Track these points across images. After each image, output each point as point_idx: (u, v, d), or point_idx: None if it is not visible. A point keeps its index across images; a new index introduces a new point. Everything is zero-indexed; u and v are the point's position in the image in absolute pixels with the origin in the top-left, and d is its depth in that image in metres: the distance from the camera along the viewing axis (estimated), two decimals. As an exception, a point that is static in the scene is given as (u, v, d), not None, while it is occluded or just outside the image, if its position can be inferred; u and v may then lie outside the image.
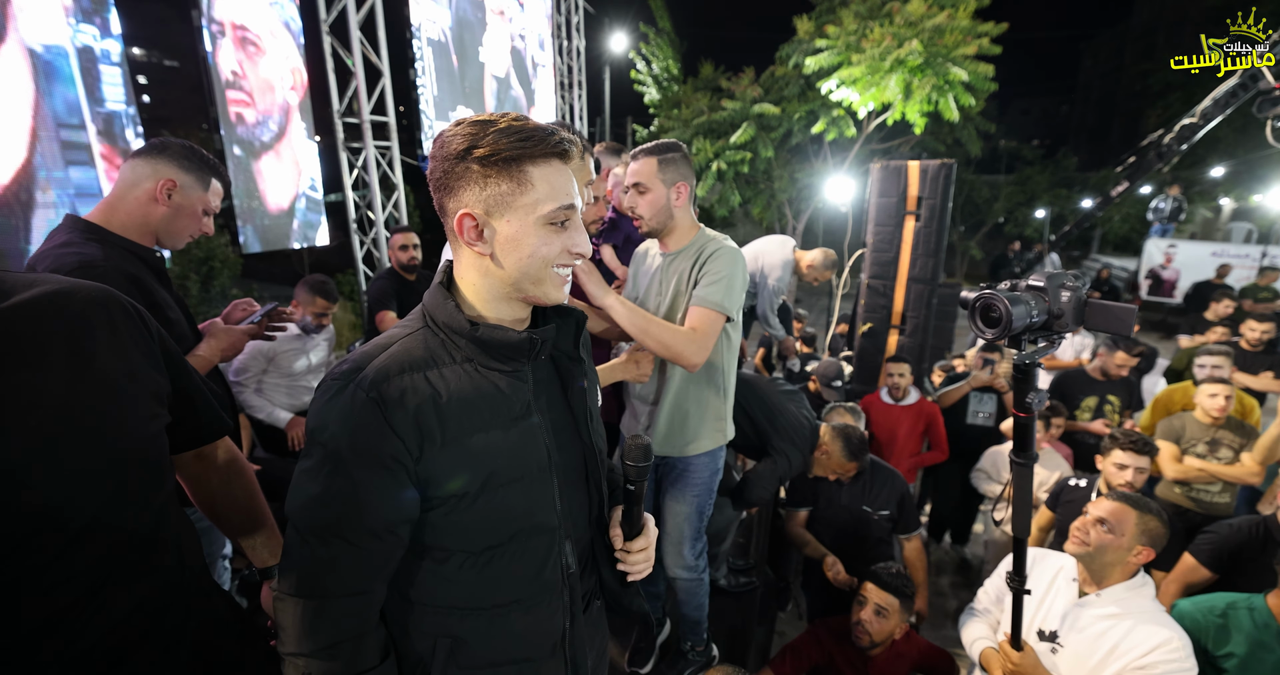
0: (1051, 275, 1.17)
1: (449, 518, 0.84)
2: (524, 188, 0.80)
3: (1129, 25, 30.91)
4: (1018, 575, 1.47)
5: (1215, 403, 2.84)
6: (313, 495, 0.79)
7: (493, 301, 0.87)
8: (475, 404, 0.83)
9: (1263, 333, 4.04)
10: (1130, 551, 1.59)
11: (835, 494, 2.55)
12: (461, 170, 0.79)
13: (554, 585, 0.92)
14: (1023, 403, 1.25)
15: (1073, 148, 18.88)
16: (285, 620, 0.81)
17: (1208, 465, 2.81)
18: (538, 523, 0.89)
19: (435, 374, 0.82)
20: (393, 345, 0.83)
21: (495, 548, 0.87)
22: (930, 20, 7.16)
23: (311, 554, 0.79)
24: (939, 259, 3.93)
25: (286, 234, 4.15)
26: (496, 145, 0.77)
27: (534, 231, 0.81)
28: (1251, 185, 14.06)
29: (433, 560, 0.87)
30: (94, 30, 2.77)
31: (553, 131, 0.81)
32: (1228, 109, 5.11)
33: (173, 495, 0.91)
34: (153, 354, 0.87)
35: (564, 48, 8.21)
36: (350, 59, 4.55)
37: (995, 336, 1.12)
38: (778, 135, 9.26)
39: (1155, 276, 10.66)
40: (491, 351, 0.84)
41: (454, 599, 0.88)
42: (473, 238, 0.82)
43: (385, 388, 0.78)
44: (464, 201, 0.80)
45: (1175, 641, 1.47)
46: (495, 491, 0.84)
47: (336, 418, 0.78)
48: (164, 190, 1.43)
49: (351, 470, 0.78)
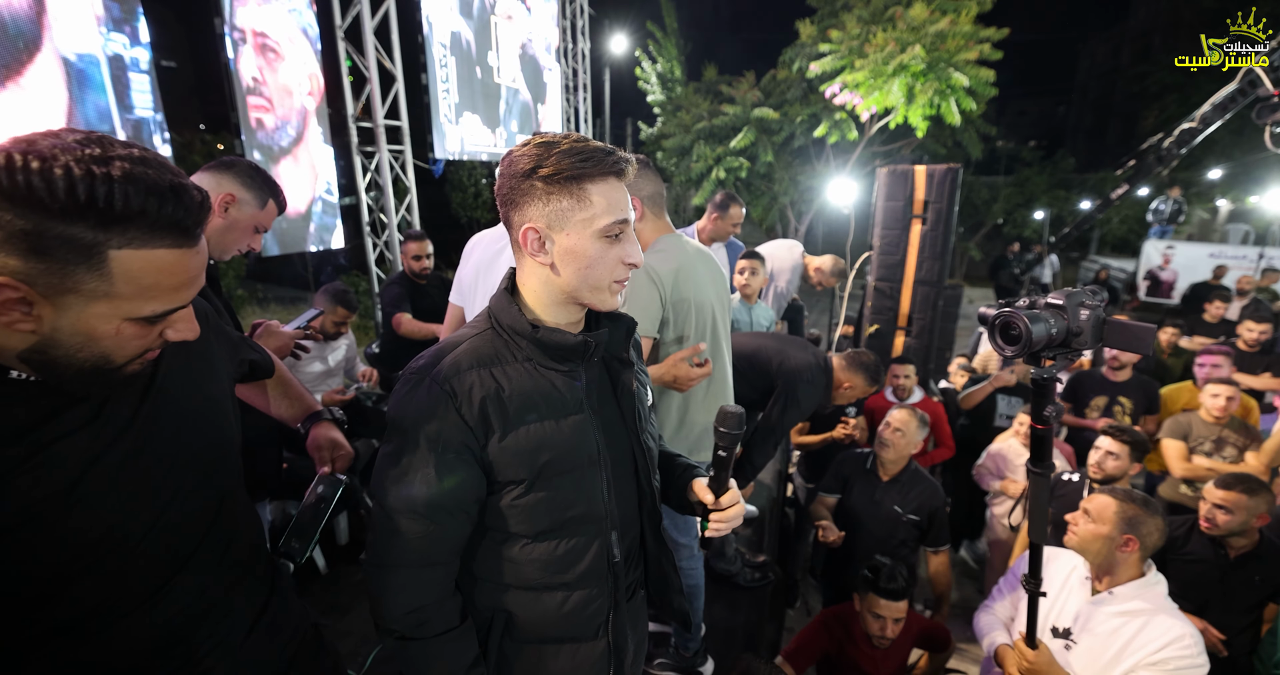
0: (1071, 293, 1.20)
1: (508, 502, 0.93)
2: (583, 204, 0.86)
3: (1126, 27, 31.03)
4: (1034, 578, 1.50)
5: (1217, 403, 2.92)
6: (394, 476, 0.89)
7: (552, 306, 0.94)
8: (533, 399, 0.91)
9: (1260, 333, 4.11)
10: (1116, 541, 1.64)
11: (870, 487, 2.57)
12: (526, 187, 0.86)
13: (600, 572, 1.00)
14: (1041, 415, 1.29)
15: (1070, 149, 18.93)
16: (377, 589, 0.91)
17: (1216, 464, 2.88)
18: (586, 512, 0.97)
19: (499, 370, 0.91)
20: (462, 344, 0.93)
21: (548, 533, 0.96)
22: (933, 25, 7.24)
23: (394, 528, 0.89)
24: (945, 262, 4.01)
25: (303, 237, 4.21)
26: (559, 165, 0.84)
27: (591, 244, 0.88)
28: (1248, 187, 14.16)
29: (493, 540, 0.97)
30: (124, 39, 2.84)
31: (610, 152, 0.87)
32: (1226, 114, 5.19)
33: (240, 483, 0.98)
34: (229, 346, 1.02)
35: (569, 51, 8.26)
36: (364, 64, 4.61)
37: (1014, 354, 1.16)
38: (779, 139, 9.33)
39: (1153, 278, 10.75)
40: (550, 352, 0.93)
41: (510, 577, 0.97)
42: (535, 249, 0.89)
43: (456, 381, 0.88)
44: (528, 216, 0.88)
45: (1187, 637, 1.50)
46: (549, 480, 0.93)
47: (414, 408, 0.88)
48: (222, 203, 1.51)
49: (428, 454, 0.88)
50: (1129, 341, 1.18)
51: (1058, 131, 36.00)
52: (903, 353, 4.24)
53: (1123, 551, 1.63)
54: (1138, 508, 1.66)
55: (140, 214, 0.61)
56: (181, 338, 0.74)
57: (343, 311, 2.93)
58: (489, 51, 6.02)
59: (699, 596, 2.10)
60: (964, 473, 3.53)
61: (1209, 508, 2.12)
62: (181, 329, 0.74)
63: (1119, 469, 2.37)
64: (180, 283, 0.68)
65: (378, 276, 5.16)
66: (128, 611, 0.77)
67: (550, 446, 0.92)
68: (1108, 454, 2.38)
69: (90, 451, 0.71)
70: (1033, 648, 1.59)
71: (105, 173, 0.58)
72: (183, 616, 0.83)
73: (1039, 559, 1.49)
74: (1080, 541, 1.69)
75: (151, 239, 0.63)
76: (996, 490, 3.20)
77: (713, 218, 3.13)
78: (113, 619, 0.76)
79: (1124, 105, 28.44)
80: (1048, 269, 9.53)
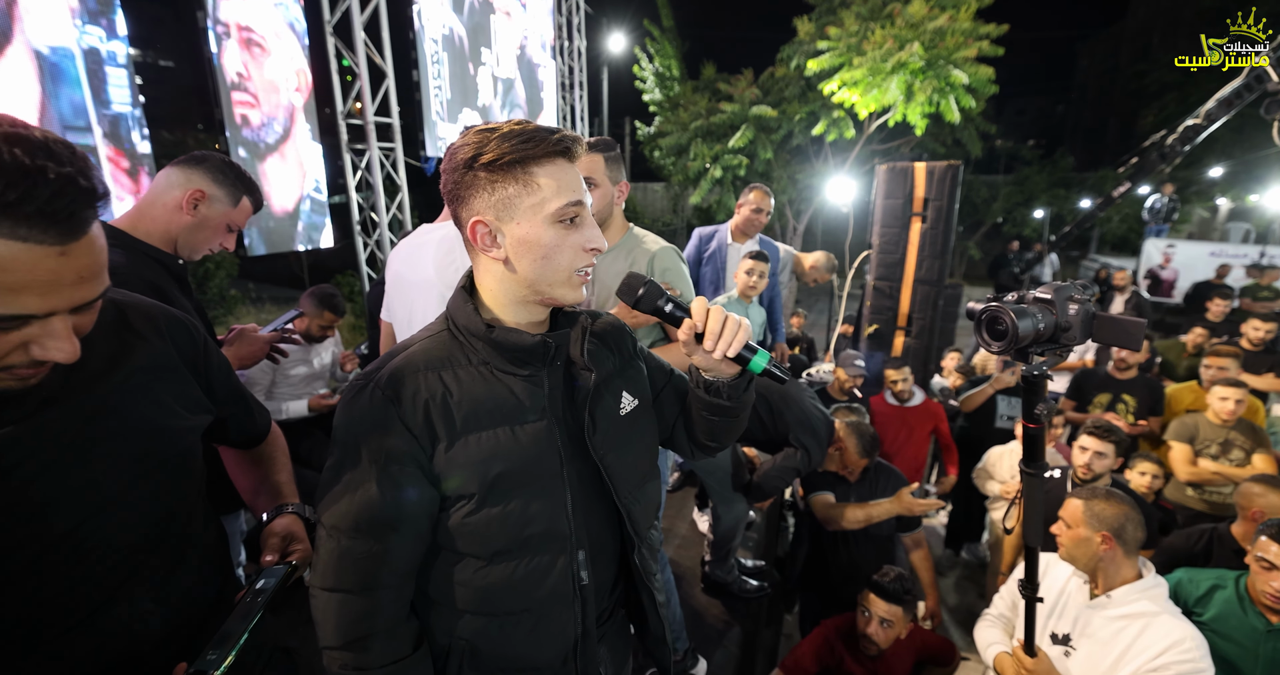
0: (1059, 287, 1.16)
1: (458, 519, 0.85)
2: (530, 189, 0.80)
3: (1124, 26, 31.03)
4: (1030, 583, 1.47)
5: (1225, 406, 2.86)
6: (336, 492, 0.82)
7: (510, 305, 0.87)
8: (485, 405, 0.84)
9: (1266, 332, 4.06)
10: (1094, 541, 1.60)
11: (844, 493, 2.56)
12: (469, 179, 0.80)
13: (565, 596, 0.91)
14: (1031, 414, 1.24)
15: (1069, 148, 18.91)
16: (318, 614, 0.84)
17: (1223, 468, 2.82)
18: (548, 530, 0.88)
19: (450, 374, 0.84)
20: (413, 346, 0.87)
21: (504, 553, 0.87)
22: (932, 22, 7.18)
23: (338, 549, 0.82)
24: (945, 261, 3.94)
25: (291, 236, 4.13)
26: (500, 150, 0.78)
27: (545, 231, 0.81)
28: (1249, 185, 14.12)
29: (446, 562, 0.89)
30: (100, 32, 2.75)
31: (554, 131, 0.81)
32: (1232, 110, 5.13)
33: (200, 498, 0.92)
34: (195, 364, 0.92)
35: (565, 48, 8.19)
36: (354, 60, 4.54)
37: (1001, 350, 1.11)
38: (778, 137, 9.28)
39: (1154, 276, 10.68)
40: (507, 354, 0.86)
41: (466, 602, 0.89)
42: (487, 243, 0.83)
43: (399, 386, 0.82)
44: (475, 209, 0.82)
45: (1188, 642, 1.46)
46: (504, 495, 0.85)
47: (355, 416, 0.82)
48: (191, 200, 1.43)
49: (369, 466, 0.81)
50: (1119, 337, 1.13)
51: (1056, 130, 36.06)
52: (902, 353, 4.18)
53: (1105, 550, 1.59)
54: (1106, 503, 1.62)
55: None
56: (47, 357, 0.63)
57: (329, 315, 2.85)
58: (483, 48, 5.95)
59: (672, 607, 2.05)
60: (963, 474, 3.47)
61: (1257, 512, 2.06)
62: (47, 347, 0.62)
63: (1106, 468, 2.33)
64: (19, 284, 0.57)
65: (369, 276, 5.09)
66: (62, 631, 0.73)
67: (504, 457, 0.84)
68: (1096, 454, 2.32)
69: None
70: (1031, 655, 1.57)
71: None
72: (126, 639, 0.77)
73: (1035, 564, 1.45)
74: (1067, 552, 1.66)
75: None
76: (996, 494, 3.14)
77: (739, 207, 3.17)
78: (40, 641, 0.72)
79: (1123, 104, 28.43)
80: (1048, 268, 9.47)
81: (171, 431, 0.84)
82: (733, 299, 2.91)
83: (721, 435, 1.02)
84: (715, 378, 0.94)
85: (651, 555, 1.03)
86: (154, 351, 0.85)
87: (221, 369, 0.98)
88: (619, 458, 0.95)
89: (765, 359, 0.86)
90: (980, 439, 3.53)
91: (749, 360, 0.87)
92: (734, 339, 0.85)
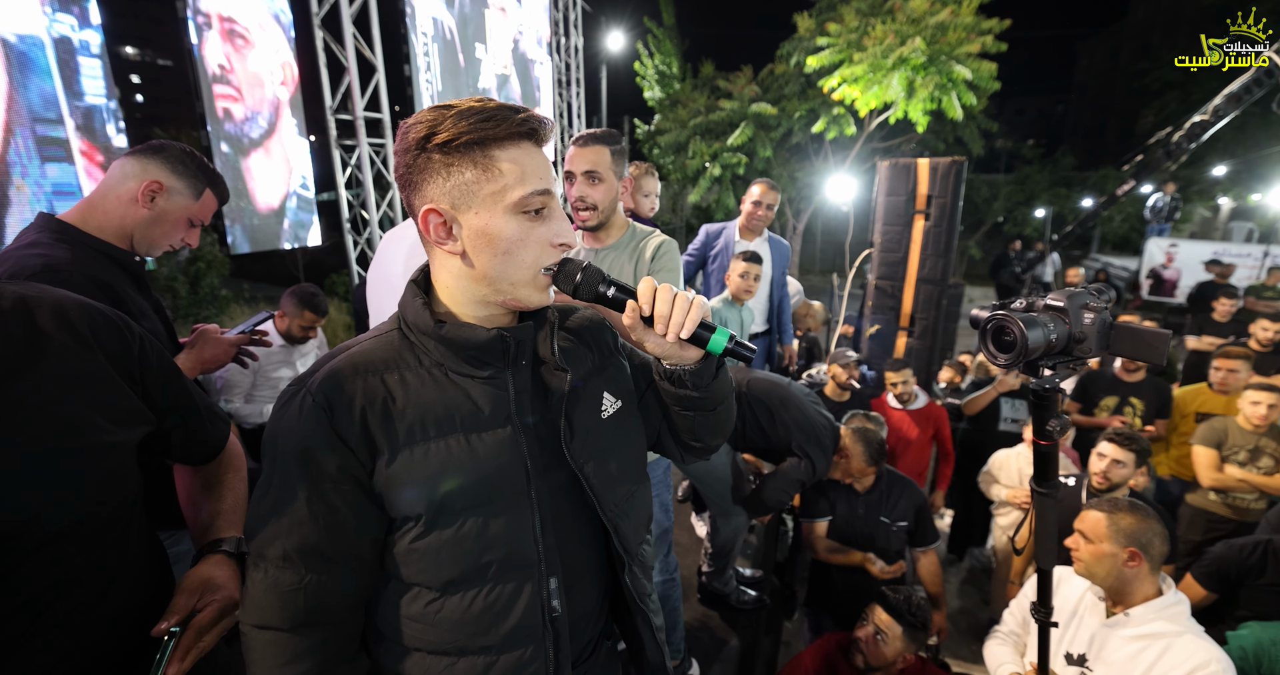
0: (1073, 294, 1.05)
1: (405, 544, 0.75)
2: (490, 174, 0.71)
3: (1124, 24, 30.97)
4: (1043, 606, 1.37)
5: (1258, 411, 2.75)
6: (262, 513, 0.73)
7: (469, 305, 0.78)
8: (434, 412, 0.74)
9: (1275, 333, 3.98)
10: (1120, 558, 1.51)
11: (852, 503, 2.46)
12: (423, 162, 0.71)
13: (533, 630, 0.80)
14: (1043, 431, 1.13)
15: (1069, 147, 18.85)
16: (248, 655, 0.74)
17: (1249, 476, 2.72)
18: (510, 555, 0.77)
19: (394, 377, 0.75)
20: (355, 347, 0.77)
21: (458, 583, 0.76)
22: (933, 17, 7.08)
23: (267, 580, 0.72)
24: (949, 259, 3.85)
25: (277, 234, 4.03)
26: (456, 129, 0.69)
27: (505, 222, 0.72)
28: (1251, 184, 14.05)
29: (394, 593, 0.79)
30: (71, 20, 2.65)
31: (518, 110, 0.72)
32: (1241, 105, 5.04)
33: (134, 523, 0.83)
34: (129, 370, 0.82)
35: (561, 45, 8.09)
36: (343, 54, 4.43)
37: (1008, 363, 0.99)
38: (777, 134, 9.19)
39: (1156, 276, 10.59)
40: (460, 352, 0.76)
41: (416, 639, 0.79)
42: (441, 235, 0.74)
43: (334, 392, 0.72)
44: (428, 196, 0.72)
45: (1215, 664, 1.38)
46: (455, 516, 0.74)
47: (284, 426, 0.72)
48: (148, 192, 1.32)
49: (299, 484, 0.71)
50: (1139, 349, 1.01)
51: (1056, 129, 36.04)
52: (904, 354, 4.09)
53: (1130, 567, 1.50)
54: (1132, 517, 1.52)
55: None
56: None
57: (310, 315, 2.76)
58: (476, 43, 5.85)
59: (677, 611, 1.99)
60: (967, 478, 3.39)
61: None
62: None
63: (1124, 477, 2.21)
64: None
65: (359, 275, 4.99)
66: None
67: (456, 471, 0.74)
68: (1114, 462, 2.21)
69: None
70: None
71: None
72: None
73: (1048, 586, 1.36)
74: (1086, 567, 1.56)
75: None
76: (1002, 499, 3.05)
77: (742, 203, 3.12)
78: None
79: (1123, 103, 28.41)
80: (1049, 267, 9.39)
81: (91, 450, 0.74)
82: (726, 301, 2.82)
83: (704, 433, 0.92)
84: (676, 365, 0.83)
85: (645, 574, 0.92)
86: (69, 356, 0.74)
87: (164, 374, 0.88)
88: (601, 466, 0.85)
89: (725, 336, 0.77)
90: (983, 443, 3.44)
91: (707, 341, 0.77)
92: (686, 318, 0.75)
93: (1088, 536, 1.56)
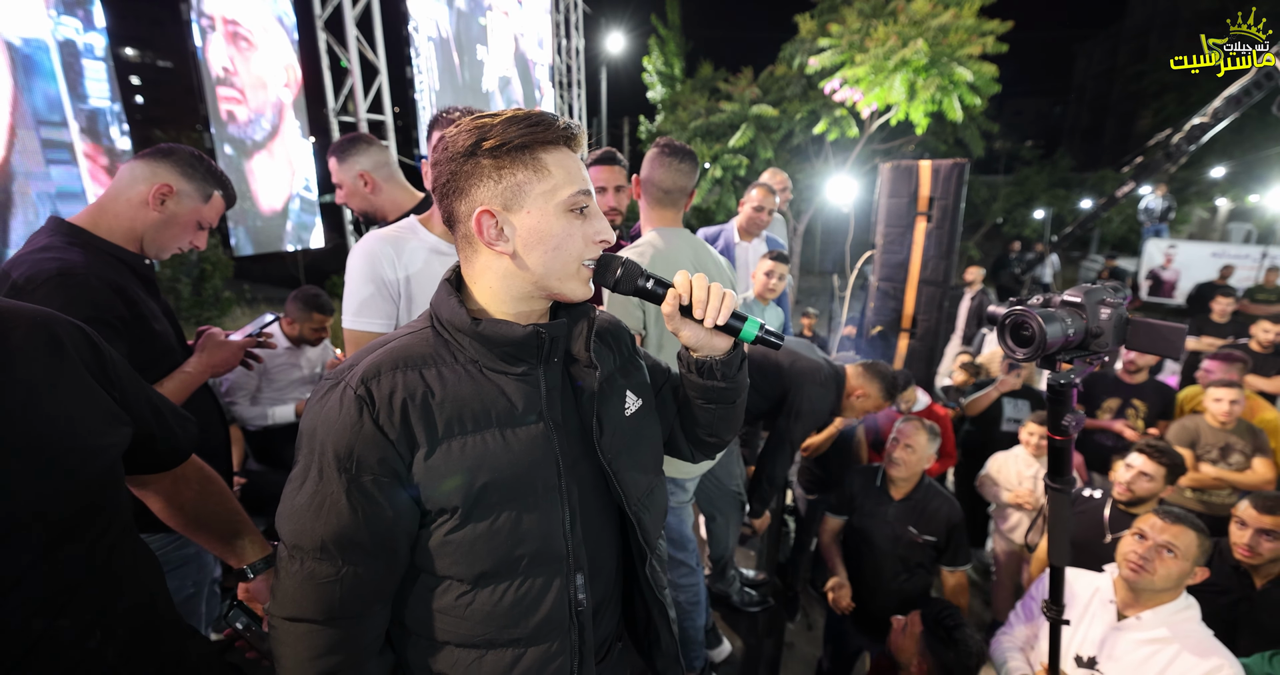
0: (1090, 290, 1.06)
1: (440, 537, 0.77)
2: (541, 175, 0.75)
3: (1122, 27, 31.06)
4: (1055, 604, 1.38)
5: (1220, 407, 2.79)
6: (299, 505, 0.73)
7: (510, 302, 0.80)
8: (471, 407, 0.76)
9: (1276, 335, 3.99)
10: (1189, 574, 1.52)
11: (882, 506, 2.39)
12: (471, 168, 0.74)
13: (561, 623, 0.82)
14: (1058, 425, 1.15)
15: (1067, 148, 18.92)
16: (278, 648, 0.75)
17: (1223, 474, 2.75)
18: (542, 550, 0.79)
19: (432, 372, 0.76)
20: (391, 342, 0.79)
21: (490, 576, 0.78)
22: (935, 19, 7.09)
23: (303, 571, 0.73)
24: (951, 261, 3.85)
25: (280, 236, 4.03)
26: (506, 134, 0.73)
27: (556, 220, 0.76)
28: (1249, 185, 14.10)
29: (424, 586, 0.80)
30: (76, 23, 2.65)
31: (557, 117, 0.77)
32: (1241, 107, 5.07)
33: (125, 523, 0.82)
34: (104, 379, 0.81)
35: (562, 46, 8.10)
36: (345, 57, 4.43)
37: (1027, 357, 1.01)
38: (778, 136, 9.21)
39: (1155, 277, 10.63)
40: (496, 349, 0.78)
41: (446, 632, 0.80)
42: (493, 236, 0.76)
43: (374, 384, 0.73)
44: (479, 199, 0.75)
45: (1227, 669, 1.39)
46: (491, 509, 0.76)
47: (323, 418, 0.73)
48: (158, 195, 1.33)
49: (338, 476, 0.72)
50: (1156, 344, 1.03)
51: (1054, 131, 36.11)
52: (906, 355, 4.09)
53: (1188, 583, 1.53)
54: (1207, 539, 1.55)
55: None
56: None
57: (318, 317, 2.75)
58: (478, 45, 5.85)
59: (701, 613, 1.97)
60: (969, 480, 3.39)
61: (1251, 535, 1.91)
62: None
63: (1150, 492, 2.15)
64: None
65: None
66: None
67: (492, 465, 0.76)
68: (1141, 474, 2.15)
69: None
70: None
71: None
72: None
73: (1061, 584, 1.36)
74: (1162, 581, 1.52)
75: None
76: (1003, 502, 3.05)
77: (741, 204, 3.08)
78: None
79: (1121, 105, 28.48)
80: (1049, 268, 9.41)
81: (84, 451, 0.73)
82: (749, 300, 2.81)
83: (720, 427, 0.98)
84: (707, 356, 0.89)
85: (661, 567, 0.96)
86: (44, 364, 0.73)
87: (132, 377, 0.87)
88: (629, 463, 0.88)
89: (756, 325, 0.83)
90: (984, 444, 3.44)
91: (739, 330, 0.84)
92: (722, 306, 0.82)
93: (1178, 553, 1.52)
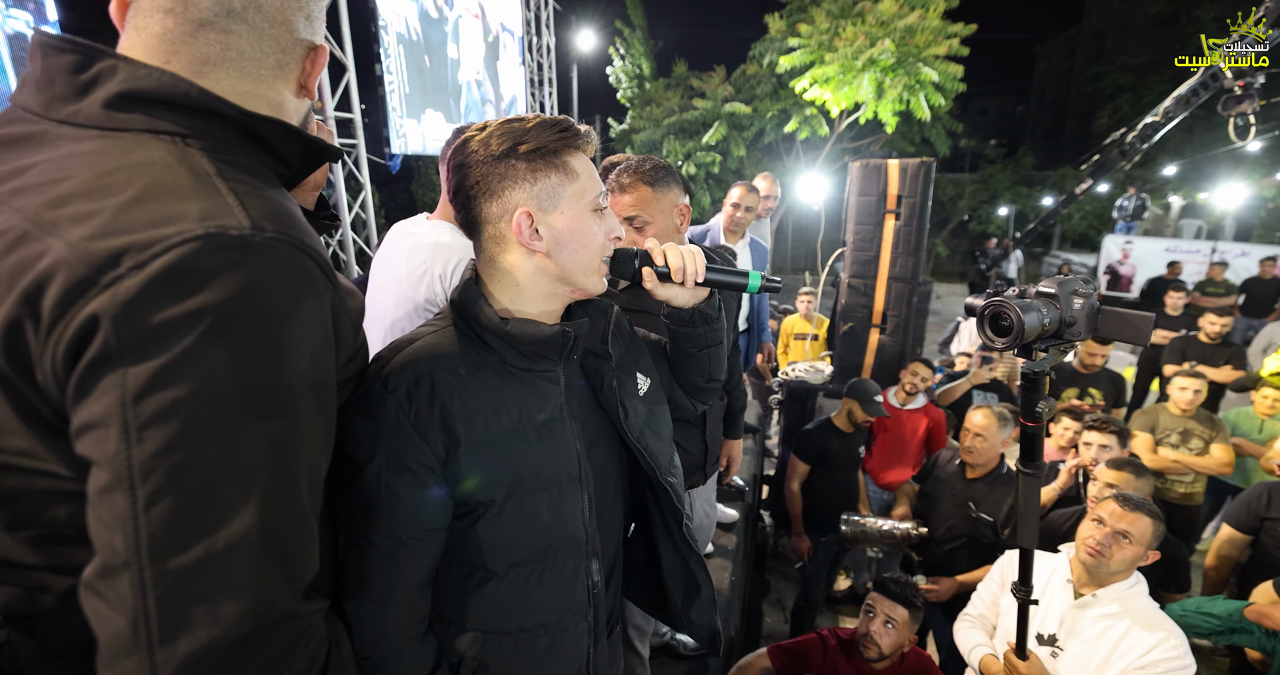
0: (1064, 281, 1.13)
1: (474, 529, 0.81)
2: (571, 178, 0.80)
3: (1080, 29, 32.07)
4: (1024, 585, 1.45)
5: (1184, 396, 2.94)
6: (345, 500, 0.77)
7: (537, 300, 0.84)
8: (503, 404, 0.80)
9: (1222, 327, 4.19)
10: (1142, 557, 1.60)
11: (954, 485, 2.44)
12: (504, 169, 0.78)
13: (580, 606, 0.89)
14: (1031, 412, 1.21)
15: (1029, 147, 19.48)
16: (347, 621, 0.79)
17: (1183, 457, 2.89)
18: (566, 537, 0.85)
19: (462, 371, 0.80)
20: (417, 341, 0.82)
21: (520, 565, 0.83)
22: (902, 20, 7.25)
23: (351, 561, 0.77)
24: (919, 258, 3.96)
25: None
26: (541, 139, 0.77)
27: (586, 220, 0.81)
28: (1199, 183, 14.73)
29: (457, 576, 0.84)
30: (27, 16, 2.55)
31: (575, 123, 0.83)
32: (1189, 107, 5.29)
33: None
34: None
35: (533, 45, 8.04)
36: (312, 52, 4.33)
37: (1006, 346, 1.08)
38: (750, 134, 9.30)
39: (1113, 272, 11.05)
40: (522, 347, 0.81)
41: (479, 620, 0.85)
42: (531, 236, 0.79)
43: (411, 385, 0.76)
44: (515, 200, 0.78)
45: (1172, 639, 1.48)
46: (522, 501, 0.81)
47: (364, 415, 0.76)
48: None
49: (385, 470, 0.75)
50: (1126, 331, 1.11)
51: (1017, 130, 37.09)
52: (876, 350, 4.19)
53: (1142, 565, 1.61)
54: (1161, 524, 1.62)
55: None
56: None
57: None
58: (450, 43, 5.78)
59: None
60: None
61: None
62: None
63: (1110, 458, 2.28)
64: None
65: (332, 277, 4.89)
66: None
67: (523, 460, 0.81)
68: (1101, 448, 2.28)
69: None
70: (1023, 658, 1.55)
71: None
72: None
73: (1030, 565, 1.43)
74: (1117, 564, 1.59)
75: None
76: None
77: (723, 203, 3.09)
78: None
79: (1079, 105, 29.41)
80: (1013, 264, 9.71)
81: None
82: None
83: (715, 368, 1.05)
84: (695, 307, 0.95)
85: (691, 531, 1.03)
86: None
87: None
88: (653, 437, 0.95)
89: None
90: (956, 436, 3.53)
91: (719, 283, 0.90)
92: (697, 266, 0.87)
93: (1133, 539, 1.58)
